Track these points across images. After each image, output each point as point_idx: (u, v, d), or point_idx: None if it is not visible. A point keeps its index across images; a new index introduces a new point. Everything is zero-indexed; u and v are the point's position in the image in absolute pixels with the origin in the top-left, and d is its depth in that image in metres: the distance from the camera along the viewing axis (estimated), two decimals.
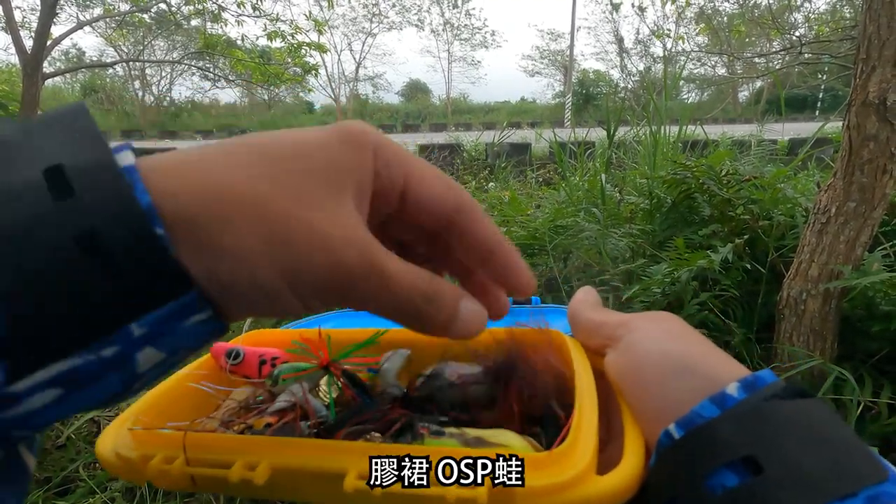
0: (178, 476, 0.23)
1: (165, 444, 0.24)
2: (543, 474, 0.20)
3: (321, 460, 0.22)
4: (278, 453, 0.23)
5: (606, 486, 0.20)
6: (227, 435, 0.25)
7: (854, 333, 1.08)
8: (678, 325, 0.26)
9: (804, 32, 5.41)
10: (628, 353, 0.25)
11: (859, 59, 0.94)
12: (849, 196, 0.98)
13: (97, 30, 9.87)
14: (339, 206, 0.19)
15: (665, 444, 0.21)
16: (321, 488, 0.23)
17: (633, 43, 20.34)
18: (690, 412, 0.20)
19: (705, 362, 0.22)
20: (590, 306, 0.30)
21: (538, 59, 24.98)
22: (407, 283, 0.20)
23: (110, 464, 0.25)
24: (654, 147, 1.93)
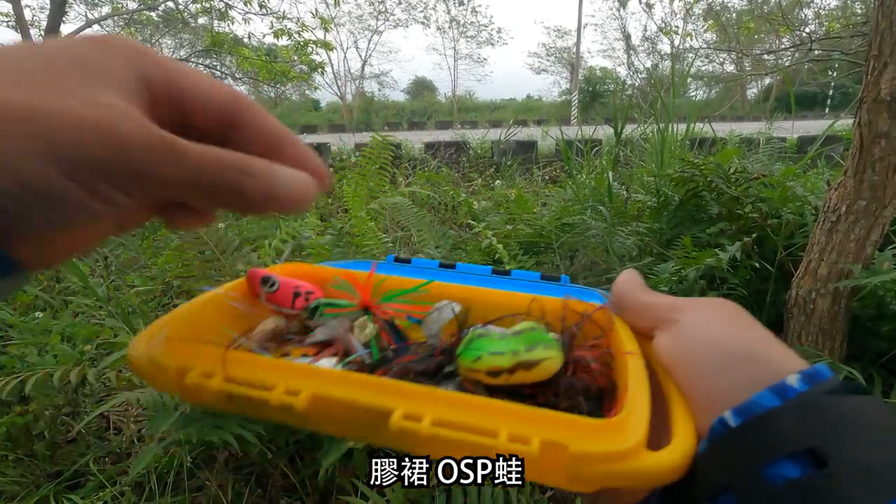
0: (216, 392, 0.23)
1: (204, 358, 0.24)
2: (598, 441, 0.20)
3: (367, 395, 0.22)
4: (321, 383, 0.23)
5: (659, 461, 0.20)
6: (269, 358, 0.25)
7: (864, 333, 1.07)
8: (735, 311, 0.25)
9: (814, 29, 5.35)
10: (682, 337, 0.25)
11: (871, 55, 0.93)
12: (859, 194, 0.97)
13: (105, 28, 9.92)
14: (105, 93, 0.18)
15: (720, 431, 0.20)
16: (362, 424, 0.23)
17: (640, 40, 20.22)
18: (749, 401, 0.20)
19: (764, 351, 0.22)
20: (638, 287, 0.30)
21: (544, 56, 24.89)
22: (212, 156, 0.19)
23: (143, 370, 0.25)
24: (661, 145, 1.92)
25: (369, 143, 1.92)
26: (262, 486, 0.99)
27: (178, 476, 0.98)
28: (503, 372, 0.24)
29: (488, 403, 0.22)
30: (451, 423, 0.21)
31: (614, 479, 0.20)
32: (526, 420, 0.21)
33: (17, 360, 1.14)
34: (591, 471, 0.20)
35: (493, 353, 0.25)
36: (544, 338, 0.26)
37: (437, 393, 0.22)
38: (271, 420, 0.26)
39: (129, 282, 1.65)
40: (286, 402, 0.21)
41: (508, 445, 0.20)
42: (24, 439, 1.06)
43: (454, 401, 0.22)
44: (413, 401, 0.22)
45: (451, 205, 2.50)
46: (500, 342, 0.25)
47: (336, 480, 0.95)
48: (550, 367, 0.25)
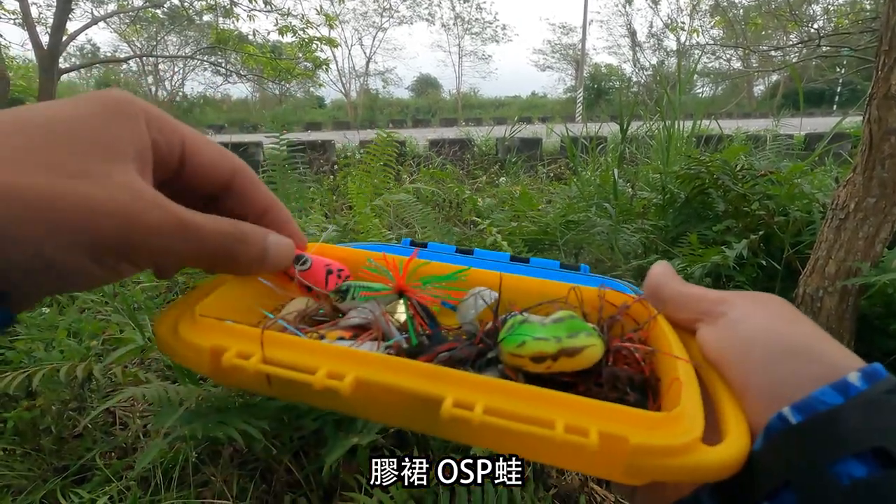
0: (254, 373, 0.22)
1: (240, 338, 0.23)
2: (657, 434, 0.19)
3: (415, 382, 0.21)
4: (366, 367, 0.22)
5: (718, 457, 0.19)
6: (309, 339, 0.24)
7: (872, 331, 1.06)
8: (787, 307, 0.25)
9: (823, 24, 5.30)
10: (734, 331, 0.24)
11: (881, 50, 0.92)
12: (869, 191, 0.96)
13: (111, 25, 9.97)
14: (116, 170, 0.19)
15: (778, 427, 0.20)
16: (410, 411, 0.22)
17: (646, 36, 20.11)
18: (810, 397, 0.20)
19: (820, 347, 0.22)
20: (675, 279, 0.29)
21: (549, 53, 24.79)
22: (214, 228, 0.21)
23: (173, 349, 0.24)
24: (667, 142, 1.90)
25: (374, 140, 1.92)
26: (266, 482, 0.99)
27: (184, 471, 0.99)
28: (547, 358, 0.24)
29: (542, 393, 0.21)
30: (504, 412, 0.20)
31: (672, 473, 0.19)
32: (582, 411, 0.20)
33: (24, 355, 1.15)
34: (649, 464, 0.19)
35: (537, 339, 0.24)
36: (585, 326, 0.25)
37: (490, 381, 0.21)
38: (311, 404, 0.26)
39: (134, 278, 1.66)
40: (330, 386, 0.21)
41: (566, 437, 0.19)
42: (31, 434, 1.06)
43: (507, 389, 0.21)
44: (464, 388, 0.21)
45: (456, 202, 2.49)
46: (543, 329, 0.25)
47: (340, 477, 0.96)
48: (593, 355, 0.24)
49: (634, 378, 0.25)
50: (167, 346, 0.24)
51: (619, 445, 0.19)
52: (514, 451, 0.23)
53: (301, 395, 0.24)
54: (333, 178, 3.15)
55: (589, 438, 0.19)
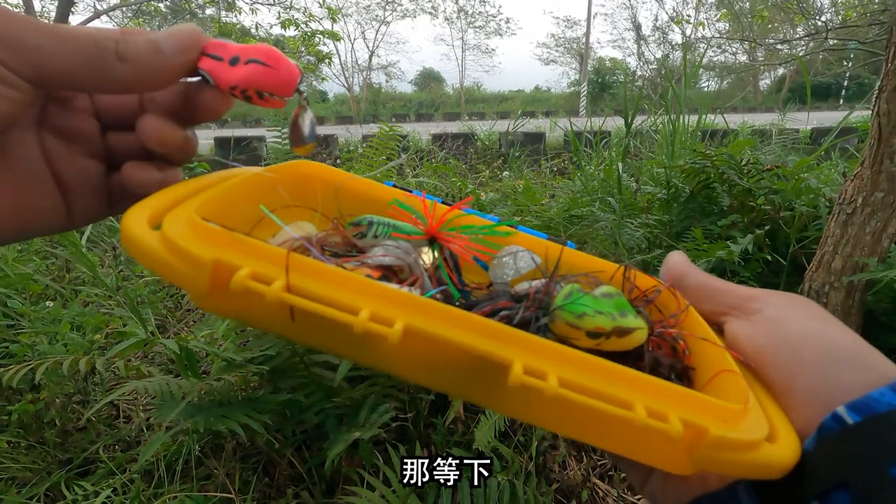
0: (274, 304, 0.17)
1: (254, 255, 0.18)
2: (735, 427, 0.19)
3: (480, 340, 0.18)
4: (420, 315, 0.18)
5: (778, 456, 0.19)
6: (347, 272, 0.18)
7: (878, 327, 1.05)
8: (821, 309, 0.25)
9: (830, 17, 5.24)
10: (775, 329, 0.24)
11: (891, 42, 0.91)
12: (876, 185, 0.95)
13: (114, 19, 9.96)
14: None
15: (833, 427, 0.20)
16: (467, 374, 0.19)
17: (650, 30, 19.96)
18: (867, 397, 0.19)
19: (868, 352, 0.22)
20: (697, 269, 0.29)
21: (553, 46, 24.63)
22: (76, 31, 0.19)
23: (151, 255, 0.18)
24: (672, 136, 1.89)
25: (377, 134, 1.91)
26: (269, 476, 1.00)
27: (187, 464, 0.99)
28: (602, 335, 0.22)
29: (620, 371, 0.19)
30: (581, 387, 0.18)
31: (738, 468, 0.19)
32: (660, 394, 0.19)
33: (28, 348, 1.16)
34: (721, 457, 0.18)
35: (598, 312, 0.22)
36: (630, 307, 0.24)
37: (566, 350, 0.19)
38: (339, 353, 0.21)
39: (137, 272, 1.66)
40: (376, 331, 0.16)
41: (647, 421, 0.18)
42: (35, 427, 1.07)
43: (586, 362, 0.19)
44: (536, 354, 0.18)
45: (459, 196, 2.49)
46: (598, 302, 0.23)
47: (343, 471, 0.96)
48: (640, 338, 0.24)
49: (675, 365, 0.25)
50: (145, 250, 0.18)
51: (697, 435, 0.18)
52: (577, 434, 0.21)
53: (331, 339, 0.19)
54: None
55: (672, 425, 0.18)
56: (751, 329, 0.25)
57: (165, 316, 1.54)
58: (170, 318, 1.54)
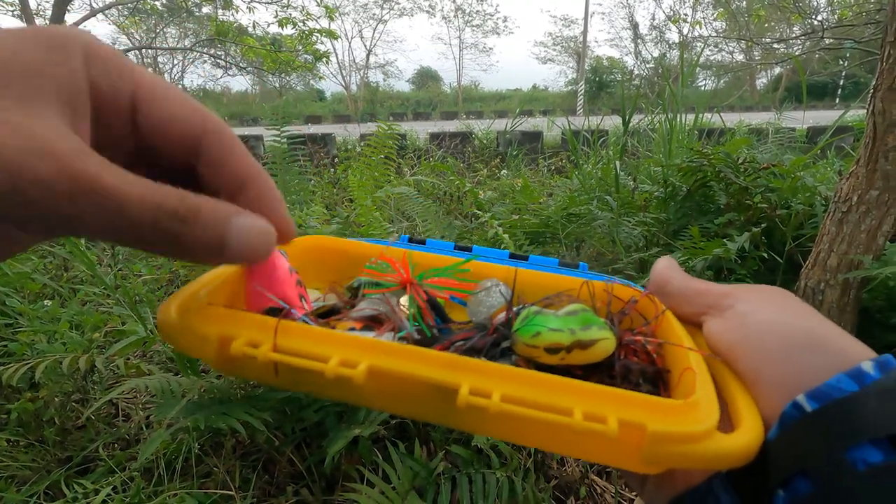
0: (264, 363, 0.21)
1: (249, 326, 0.22)
2: (674, 422, 0.20)
3: (431, 370, 0.20)
4: (380, 355, 0.21)
5: (733, 444, 0.19)
6: (321, 328, 0.23)
7: (873, 324, 1.06)
8: (794, 299, 0.25)
9: (826, 17, 5.25)
10: (743, 323, 0.24)
11: (886, 42, 0.92)
12: (872, 184, 0.96)
13: (110, 17, 9.91)
14: (27, 116, 0.15)
15: (793, 415, 0.20)
16: (424, 400, 0.22)
17: (648, 29, 19.98)
18: (825, 385, 0.20)
19: (832, 337, 0.22)
20: (681, 274, 0.29)
21: (551, 45, 24.65)
22: (140, 197, 0.16)
23: (179, 338, 0.23)
24: (669, 135, 1.90)
25: (374, 133, 1.91)
26: (269, 473, 1.00)
27: (187, 462, 0.99)
28: (562, 349, 0.24)
29: (559, 381, 0.21)
30: (522, 400, 0.20)
31: (689, 460, 0.19)
32: (600, 398, 0.20)
33: (27, 347, 1.16)
34: (667, 451, 0.19)
35: (552, 330, 0.24)
36: (597, 320, 0.25)
37: (506, 369, 0.21)
38: (321, 395, 0.25)
39: (136, 271, 1.66)
40: (343, 374, 0.20)
41: (585, 424, 0.19)
42: (34, 425, 1.07)
43: (524, 377, 0.21)
44: (480, 376, 0.20)
45: (457, 195, 2.49)
46: (557, 320, 0.25)
47: (342, 468, 0.96)
48: (606, 348, 0.24)
49: (647, 370, 0.25)
50: (171, 335, 0.23)
51: (637, 433, 0.19)
52: (529, 442, 0.23)
53: (312, 385, 0.23)
54: (334, 171, 3.14)
55: (608, 425, 0.19)
56: (723, 325, 0.25)
57: None
58: None
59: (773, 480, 0.20)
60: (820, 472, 0.18)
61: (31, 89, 0.16)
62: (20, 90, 0.15)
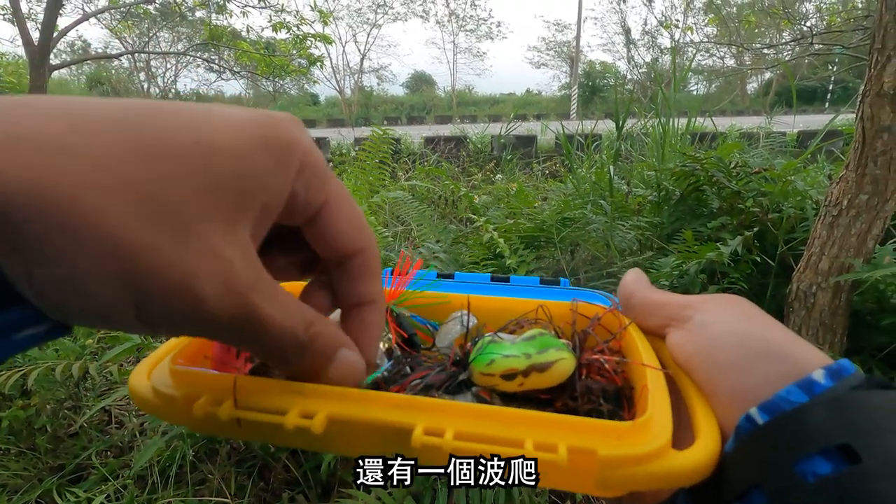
0: (226, 419, 0.22)
1: (212, 385, 0.23)
2: (626, 444, 0.20)
3: (385, 413, 0.21)
4: (336, 403, 0.22)
5: (687, 461, 0.20)
6: (279, 380, 0.24)
7: (864, 327, 1.07)
8: (748, 306, 0.25)
9: (815, 22, 5.33)
10: (700, 334, 0.24)
11: (874, 48, 0.93)
12: (861, 188, 0.97)
13: (102, 21, 9.86)
14: (228, 238, 0.16)
15: (746, 428, 0.20)
16: (383, 442, 0.22)
17: (640, 34, 20.15)
18: (775, 397, 0.20)
19: (787, 346, 0.22)
20: (645, 286, 0.29)
21: (544, 50, 24.79)
22: (281, 328, 0.18)
23: (146, 402, 0.24)
24: (662, 139, 1.91)
25: (369, 137, 1.92)
26: (264, 480, 1.00)
27: (181, 469, 0.98)
28: (517, 374, 0.24)
29: (510, 413, 0.21)
30: (473, 436, 0.20)
31: (643, 481, 0.20)
32: (550, 427, 0.21)
33: (19, 354, 1.14)
34: (619, 474, 0.19)
35: (506, 356, 0.24)
36: (555, 342, 0.26)
37: (457, 406, 0.22)
38: (284, 445, 0.26)
39: None
40: (302, 425, 0.21)
41: (535, 454, 0.19)
42: (26, 433, 1.06)
43: (475, 412, 0.21)
44: (433, 415, 0.21)
45: (452, 199, 2.49)
46: (512, 346, 0.25)
47: (338, 474, 0.96)
48: (564, 369, 0.25)
49: (608, 389, 0.26)
50: (142, 401, 0.24)
51: (588, 459, 0.19)
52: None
53: (276, 436, 0.24)
54: None
55: (558, 454, 0.19)
56: (682, 337, 0.25)
57: None
58: None
59: (729, 494, 0.20)
60: (772, 485, 0.18)
61: (241, 201, 0.16)
62: (229, 202, 0.16)
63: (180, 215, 0.15)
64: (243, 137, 0.17)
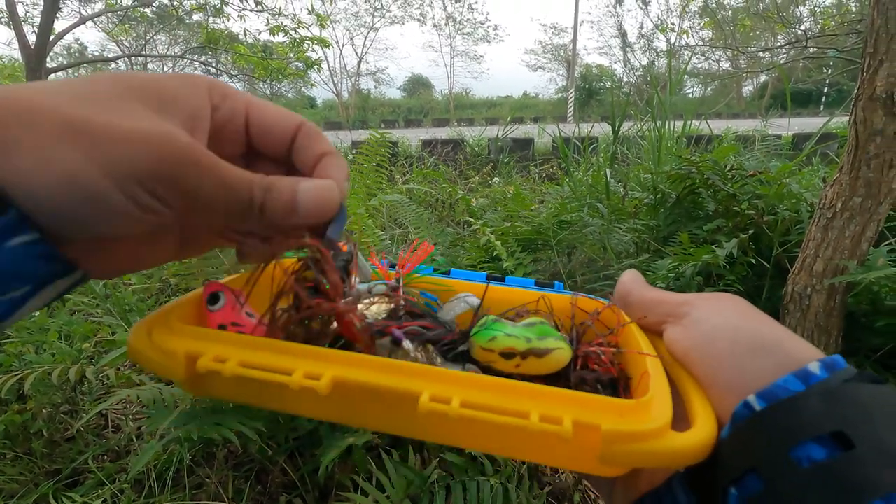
0: (230, 378, 0.21)
1: (215, 343, 0.23)
2: (629, 421, 0.20)
3: (393, 379, 0.21)
4: (343, 366, 0.22)
5: (686, 442, 0.20)
6: (285, 342, 0.24)
7: (859, 329, 1.08)
8: (746, 304, 0.26)
9: (809, 27, 5.37)
10: (697, 328, 0.25)
11: (867, 52, 0.94)
12: (855, 191, 0.98)
13: (99, 24, 9.85)
14: (160, 118, 0.20)
15: (744, 415, 0.21)
16: (387, 409, 0.22)
17: (636, 37, 20.24)
18: (773, 385, 0.21)
19: (782, 340, 0.23)
20: (642, 285, 0.31)
21: (541, 53, 24.87)
22: (239, 174, 0.22)
23: (147, 357, 0.23)
24: (658, 142, 1.92)
25: (366, 140, 1.92)
26: (262, 483, 0.99)
27: (178, 473, 0.98)
28: (516, 355, 0.25)
29: (517, 385, 0.21)
30: (480, 405, 0.20)
31: (645, 459, 0.20)
32: (556, 400, 0.21)
33: (15, 358, 1.14)
34: (621, 450, 0.20)
35: (508, 335, 0.25)
36: (554, 332, 0.26)
37: (466, 375, 0.22)
38: (285, 410, 0.25)
39: (126, 280, 1.65)
40: (307, 385, 0.20)
41: (541, 426, 0.19)
42: (22, 437, 1.05)
43: (482, 383, 0.21)
44: (440, 383, 0.21)
45: (449, 202, 2.50)
46: (515, 328, 0.26)
47: (336, 477, 0.96)
48: (561, 358, 0.25)
49: (602, 379, 0.26)
50: (141, 356, 0.24)
51: (591, 434, 0.20)
52: (489, 448, 0.24)
53: (277, 399, 0.23)
54: None
55: (563, 426, 0.19)
56: (680, 332, 0.26)
57: None
58: None
59: (725, 478, 0.21)
60: (768, 469, 0.19)
61: (166, 106, 0.20)
62: (158, 105, 0.20)
63: (119, 107, 0.19)
64: (158, 74, 0.22)
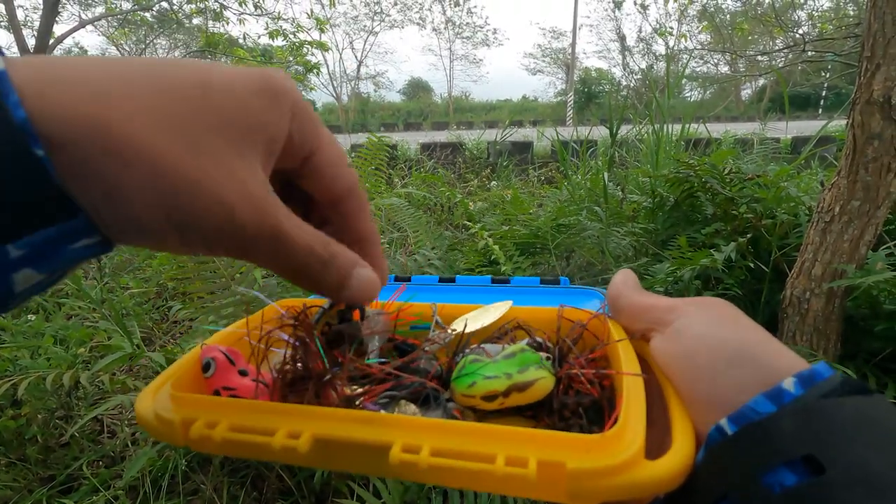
0: (221, 441, 0.23)
1: (208, 408, 0.25)
2: (595, 456, 0.20)
3: (366, 432, 0.23)
4: (321, 423, 0.23)
5: (657, 471, 0.20)
6: (269, 402, 0.26)
7: (858, 332, 1.07)
8: (731, 310, 0.25)
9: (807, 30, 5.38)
10: (679, 339, 0.24)
11: (864, 56, 0.94)
12: (853, 195, 0.98)
13: (99, 28, 9.88)
14: (241, 162, 0.19)
15: (716, 439, 0.20)
16: (364, 459, 0.24)
17: (635, 41, 20.28)
18: (743, 407, 0.20)
19: (761, 351, 0.22)
20: (633, 289, 0.29)
21: (540, 57, 24.94)
22: (304, 244, 0.21)
23: (150, 425, 0.26)
24: (656, 145, 1.92)
25: (365, 143, 1.92)
26: (257, 490, 0.99)
27: (173, 479, 0.97)
28: (498, 396, 0.25)
29: (483, 428, 0.22)
30: (448, 452, 0.21)
31: (614, 492, 0.20)
32: (522, 442, 0.21)
33: (10, 363, 1.13)
34: (590, 486, 0.20)
35: (487, 378, 0.25)
36: (535, 359, 0.26)
37: (435, 423, 0.23)
38: (275, 461, 0.27)
39: (123, 284, 1.64)
40: (289, 445, 0.22)
41: (506, 470, 0.20)
42: (16, 443, 1.05)
43: (451, 429, 0.22)
44: (411, 433, 0.22)
45: (448, 206, 2.50)
46: (494, 366, 0.26)
47: (332, 483, 0.95)
48: (544, 387, 0.25)
49: (583, 401, 0.26)
50: (146, 424, 0.26)
51: (558, 472, 0.20)
52: (461, 486, 0.24)
53: (266, 455, 0.25)
54: None
55: (528, 469, 0.20)
56: (664, 342, 0.25)
57: (151, 328, 1.51)
58: (156, 330, 1.52)
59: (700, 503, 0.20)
60: (738, 496, 0.18)
61: (246, 135, 0.19)
62: (240, 137, 0.19)
63: (200, 144, 0.18)
64: (239, 83, 0.19)
